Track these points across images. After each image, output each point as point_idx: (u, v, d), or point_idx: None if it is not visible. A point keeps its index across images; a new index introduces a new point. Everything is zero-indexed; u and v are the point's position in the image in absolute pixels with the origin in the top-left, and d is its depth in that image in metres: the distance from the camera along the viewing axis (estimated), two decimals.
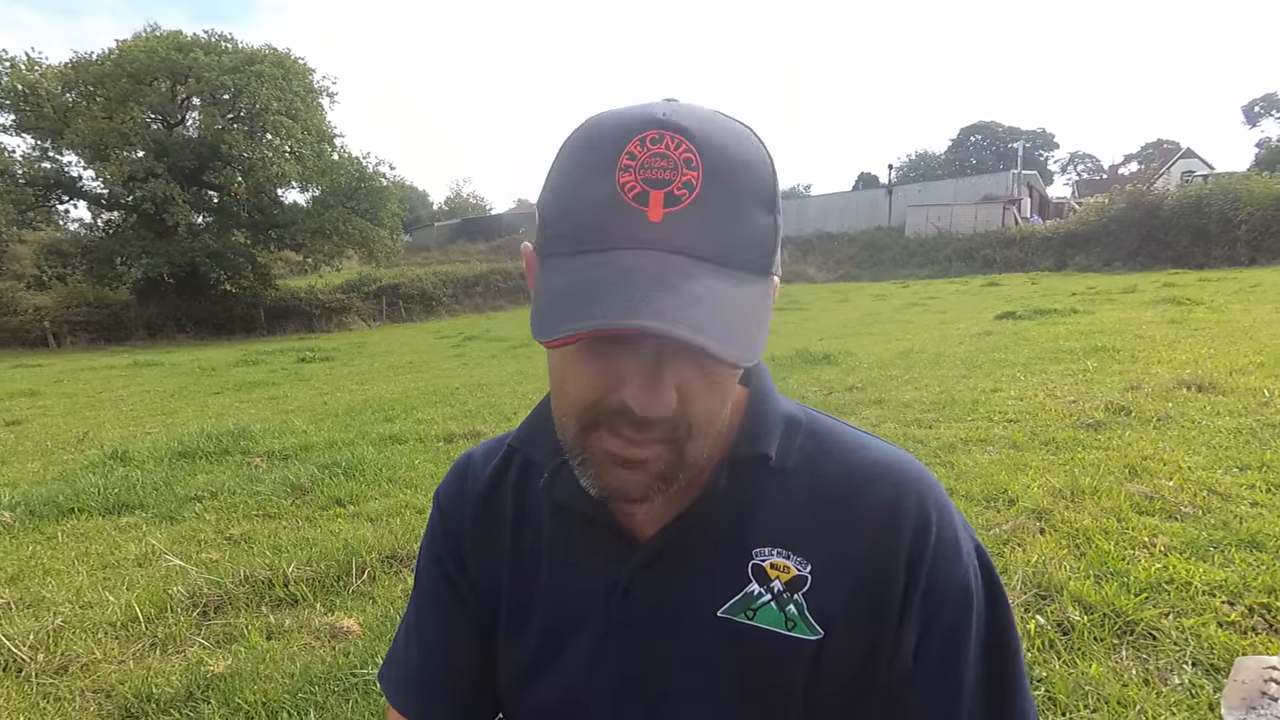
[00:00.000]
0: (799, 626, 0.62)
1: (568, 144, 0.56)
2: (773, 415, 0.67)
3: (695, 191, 0.50)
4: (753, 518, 0.64)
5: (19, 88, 23.33)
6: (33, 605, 2.86)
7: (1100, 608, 2.25)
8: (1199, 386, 5.19)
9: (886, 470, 0.64)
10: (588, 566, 0.68)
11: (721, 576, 0.64)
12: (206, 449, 5.25)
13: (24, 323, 22.84)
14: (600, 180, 0.52)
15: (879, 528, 0.62)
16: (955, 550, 0.63)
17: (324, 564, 2.93)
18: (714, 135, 0.52)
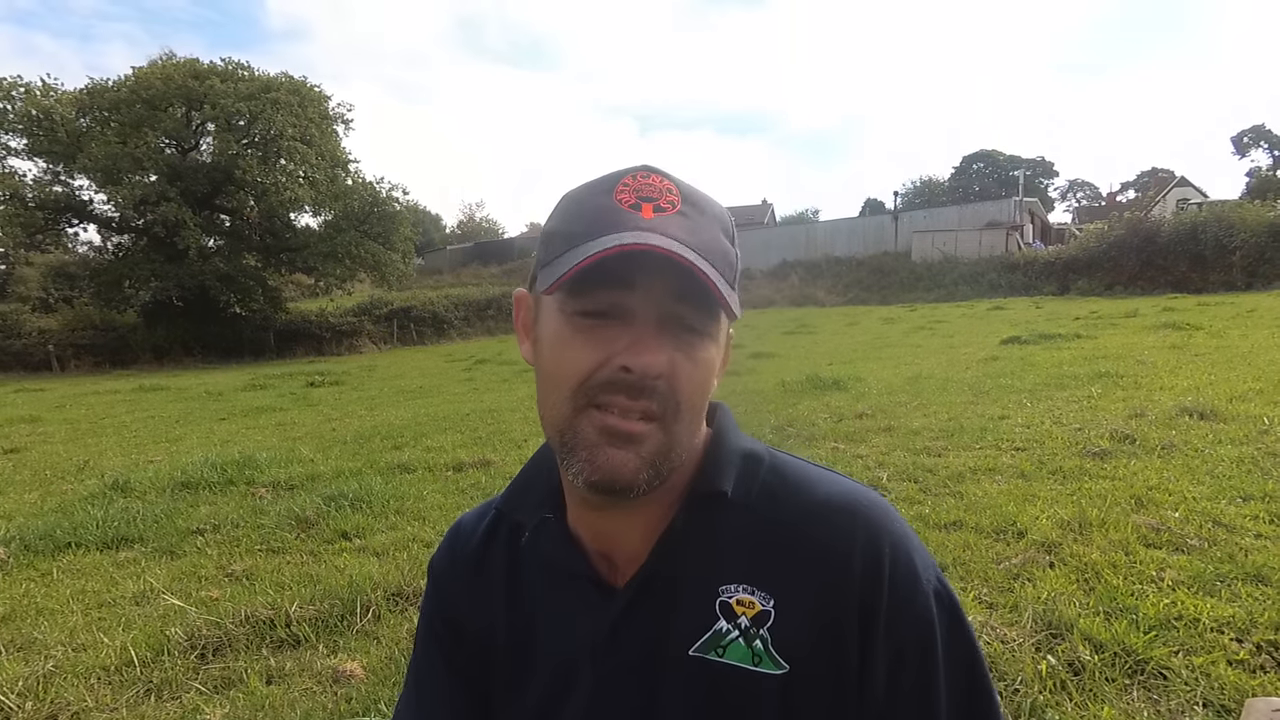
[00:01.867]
0: (765, 662, 0.64)
1: (568, 193, 0.66)
2: (730, 453, 0.70)
3: (677, 207, 0.61)
4: (717, 555, 0.66)
5: (33, 113, 23.52)
6: (23, 648, 2.80)
7: (1110, 646, 2.22)
8: (1201, 414, 5.20)
9: (839, 508, 0.66)
10: (574, 619, 0.70)
11: (692, 615, 0.66)
12: (210, 479, 5.22)
13: (28, 346, 22.81)
14: (599, 198, 0.62)
15: (829, 566, 0.64)
16: (912, 585, 0.64)
17: (328, 602, 2.88)
18: (684, 182, 0.64)
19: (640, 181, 0.62)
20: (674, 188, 0.62)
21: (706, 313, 0.61)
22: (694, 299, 0.60)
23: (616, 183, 0.62)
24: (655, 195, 0.61)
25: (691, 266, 0.56)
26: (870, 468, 4.53)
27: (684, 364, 0.60)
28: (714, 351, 0.64)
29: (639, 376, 0.58)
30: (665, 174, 0.64)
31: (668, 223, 0.59)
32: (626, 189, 0.62)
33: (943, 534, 3.32)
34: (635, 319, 0.59)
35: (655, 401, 0.60)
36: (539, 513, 0.72)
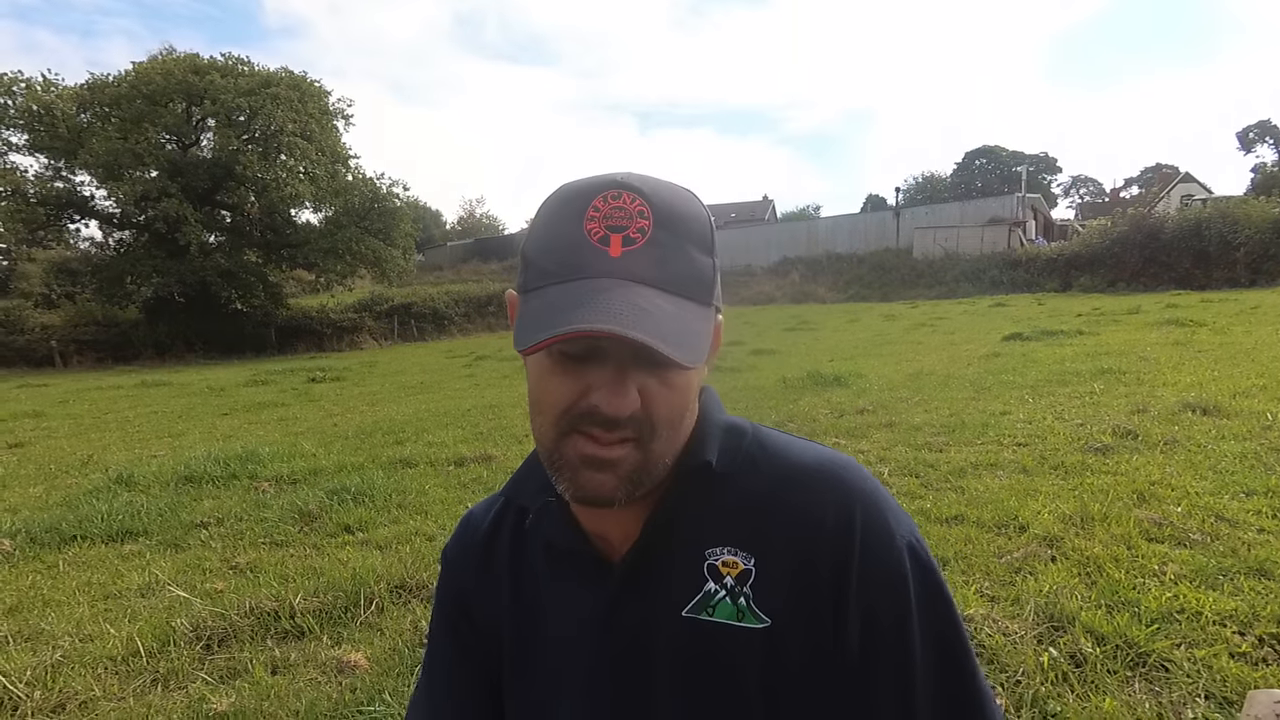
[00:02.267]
0: (748, 617, 0.67)
1: (546, 202, 0.67)
2: (713, 426, 0.73)
3: (647, 235, 0.62)
4: (703, 521, 0.70)
5: (34, 108, 23.50)
6: (31, 638, 2.82)
7: (1112, 639, 2.23)
8: (1204, 410, 5.19)
9: (813, 471, 0.70)
10: (575, 596, 0.74)
11: (683, 579, 0.70)
12: (214, 473, 5.24)
13: (30, 342, 22.87)
14: (571, 227, 0.63)
15: (802, 525, 0.67)
16: (885, 542, 0.67)
17: (331, 595, 2.90)
18: (662, 194, 0.64)
19: (611, 205, 0.62)
20: (646, 209, 0.62)
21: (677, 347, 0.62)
22: (661, 346, 0.59)
23: (588, 206, 0.62)
24: (625, 222, 0.62)
25: (650, 350, 0.57)
26: (871, 463, 4.54)
27: (658, 390, 0.63)
28: (692, 374, 0.66)
29: (610, 417, 0.61)
30: (638, 190, 0.63)
31: (634, 260, 0.61)
32: (596, 216, 0.62)
33: (944, 528, 3.33)
34: (609, 359, 0.62)
35: (631, 429, 0.62)
36: (541, 497, 0.75)
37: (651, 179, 0.65)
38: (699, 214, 0.66)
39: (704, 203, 0.69)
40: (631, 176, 0.65)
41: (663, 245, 0.62)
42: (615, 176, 0.65)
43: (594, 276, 0.60)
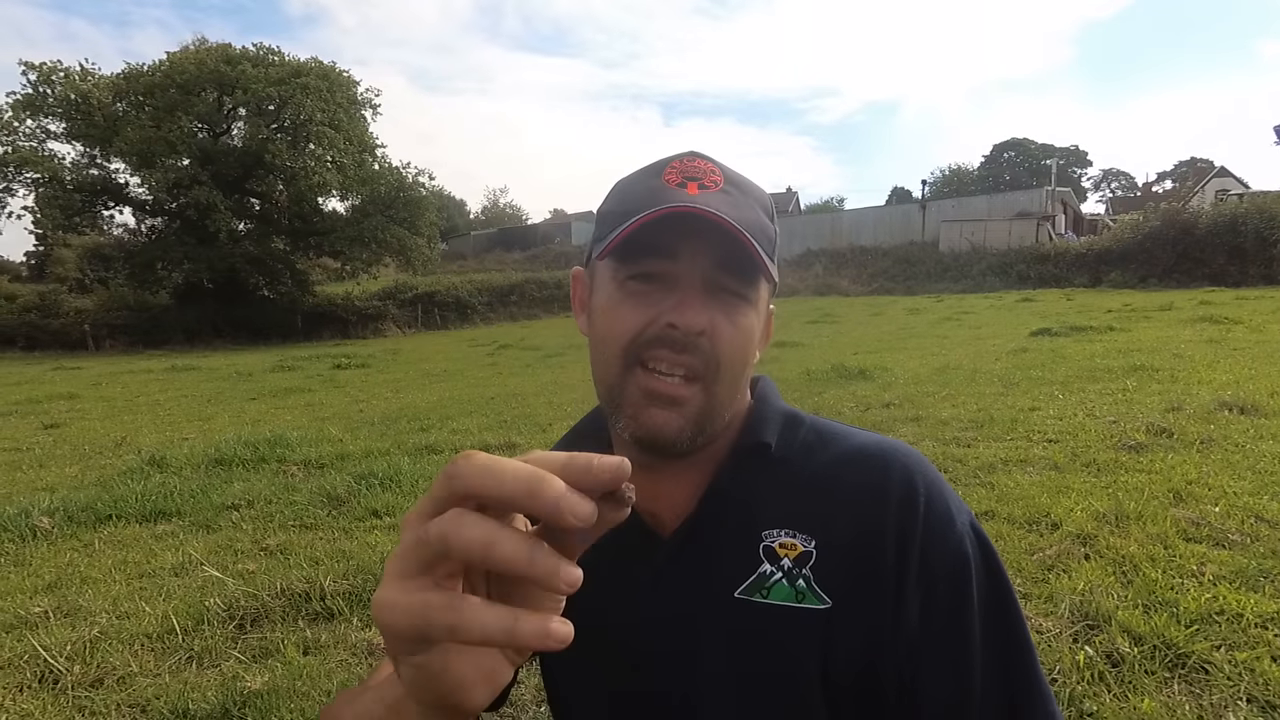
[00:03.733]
0: (808, 598, 0.66)
1: (619, 180, 0.72)
2: (773, 411, 0.75)
3: (720, 186, 0.66)
4: (760, 503, 0.70)
5: (72, 97, 23.94)
6: (70, 614, 2.88)
7: (1150, 639, 2.19)
8: (1241, 409, 5.08)
9: (875, 452, 0.70)
10: (622, 567, 0.72)
11: (737, 560, 0.69)
12: (243, 456, 5.31)
13: (65, 325, 23.37)
14: (648, 179, 0.67)
15: (866, 504, 0.67)
16: (946, 521, 0.66)
17: (360, 577, 2.93)
18: (730, 167, 0.70)
19: (687, 164, 0.68)
20: (717, 170, 0.68)
21: (747, 279, 0.66)
22: (735, 266, 0.65)
23: (665, 166, 0.68)
24: (700, 175, 0.66)
25: (731, 228, 0.61)
26: None
27: (725, 326, 0.65)
28: (754, 319, 0.68)
29: (683, 332, 0.63)
30: (710, 158, 0.69)
31: (711, 198, 0.64)
32: (674, 170, 0.67)
33: None
34: (680, 284, 0.64)
35: (698, 358, 0.64)
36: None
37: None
38: (762, 189, 0.72)
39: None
40: (700, 151, 0.71)
41: (734, 196, 0.66)
42: (686, 150, 0.70)
43: (675, 203, 0.63)
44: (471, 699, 0.38)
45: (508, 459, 0.32)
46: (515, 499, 0.31)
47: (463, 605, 0.32)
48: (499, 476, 0.32)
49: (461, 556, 0.32)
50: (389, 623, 0.34)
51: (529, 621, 0.32)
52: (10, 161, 23.43)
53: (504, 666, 0.39)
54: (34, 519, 3.94)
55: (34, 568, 3.46)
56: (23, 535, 3.83)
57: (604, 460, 0.33)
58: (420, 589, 0.33)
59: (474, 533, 0.31)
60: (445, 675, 0.36)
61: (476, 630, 0.32)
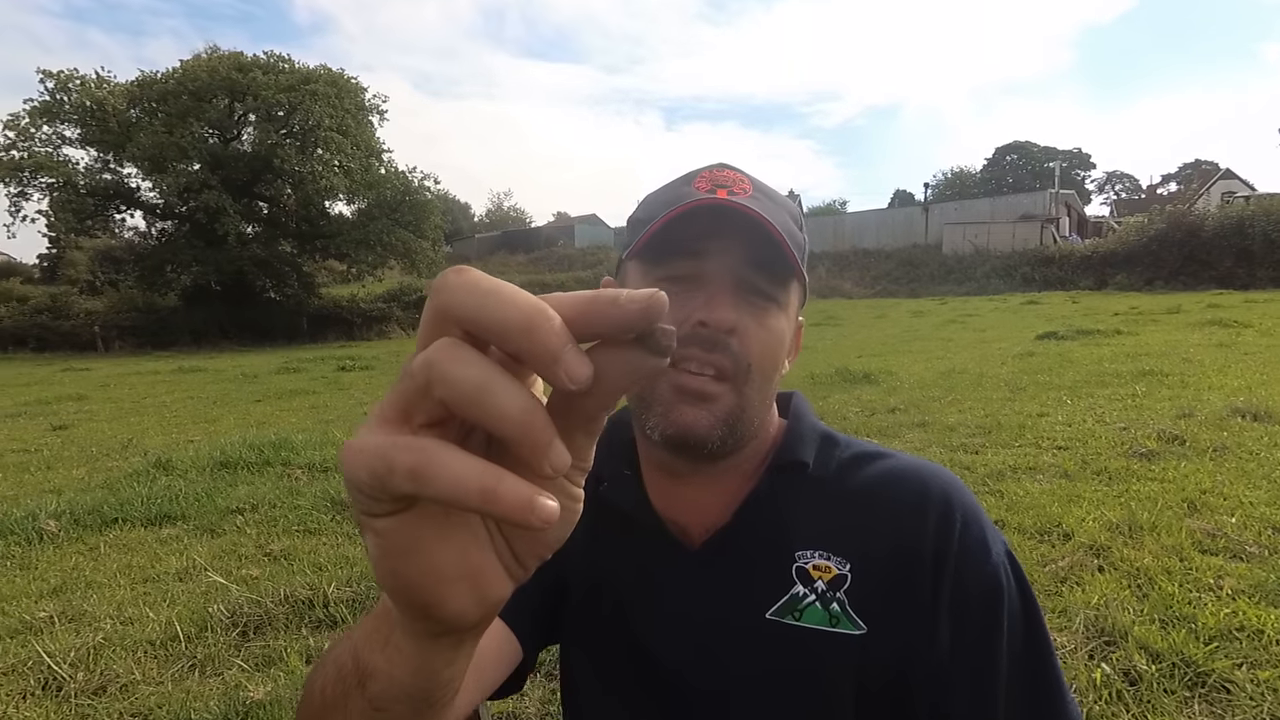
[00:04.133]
0: (843, 623, 0.65)
1: (652, 191, 0.73)
2: (809, 430, 0.74)
3: (749, 193, 0.66)
4: (794, 522, 0.69)
5: (87, 104, 24.17)
6: (74, 620, 2.87)
7: (1168, 656, 2.15)
8: (1254, 415, 5.03)
9: (913, 473, 0.69)
10: (648, 574, 0.72)
11: (768, 579, 0.68)
12: (248, 459, 5.29)
13: (75, 327, 23.50)
14: (679, 187, 0.68)
15: (904, 524, 0.66)
16: (983, 546, 0.65)
17: (364, 584, 2.91)
18: (759, 178, 0.70)
19: (716, 174, 0.67)
20: (746, 179, 0.68)
21: (778, 279, 0.66)
22: (766, 264, 0.64)
23: (695, 175, 0.68)
24: (729, 183, 0.66)
25: (764, 221, 0.61)
26: None
27: (754, 327, 0.65)
28: (784, 322, 0.68)
29: (712, 330, 0.63)
30: (739, 169, 0.69)
31: (740, 201, 0.64)
32: (703, 179, 0.67)
33: None
34: (710, 282, 0.64)
35: (728, 358, 0.63)
36: (616, 465, 0.74)
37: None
38: (790, 200, 0.71)
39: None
40: (729, 162, 0.72)
41: (762, 203, 0.65)
42: (717, 161, 0.71)
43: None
44: (448, 600, 0.30)
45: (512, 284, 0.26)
46: (506, 330, 0.25)
47: (432, 447, 0.26)
48: (492, 296, 0.25)
49: (445, 394, 0.25)
50: (349, 467, 0.27)
51: (513, 485, 0.25)
52: (26, 166, 23.62)
53: (495, 569, 0.31)
54: (41, 522, 3.94)
55: (40, 571, 3.45)
56: (29, 538, 3.82)
57: (633, 293, 0.26)
58: (393, 432, 0.27)
59: (465, 371, 0.25)
60: (412, 555, 0.29)
61: (446, 479, 0.25)
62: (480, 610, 0.31)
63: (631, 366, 0.27)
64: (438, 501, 0.26)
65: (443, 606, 0.31)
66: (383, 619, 0.37)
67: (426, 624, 0.32)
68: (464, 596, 0.31)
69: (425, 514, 0.29)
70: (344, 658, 0.40)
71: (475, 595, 0.31)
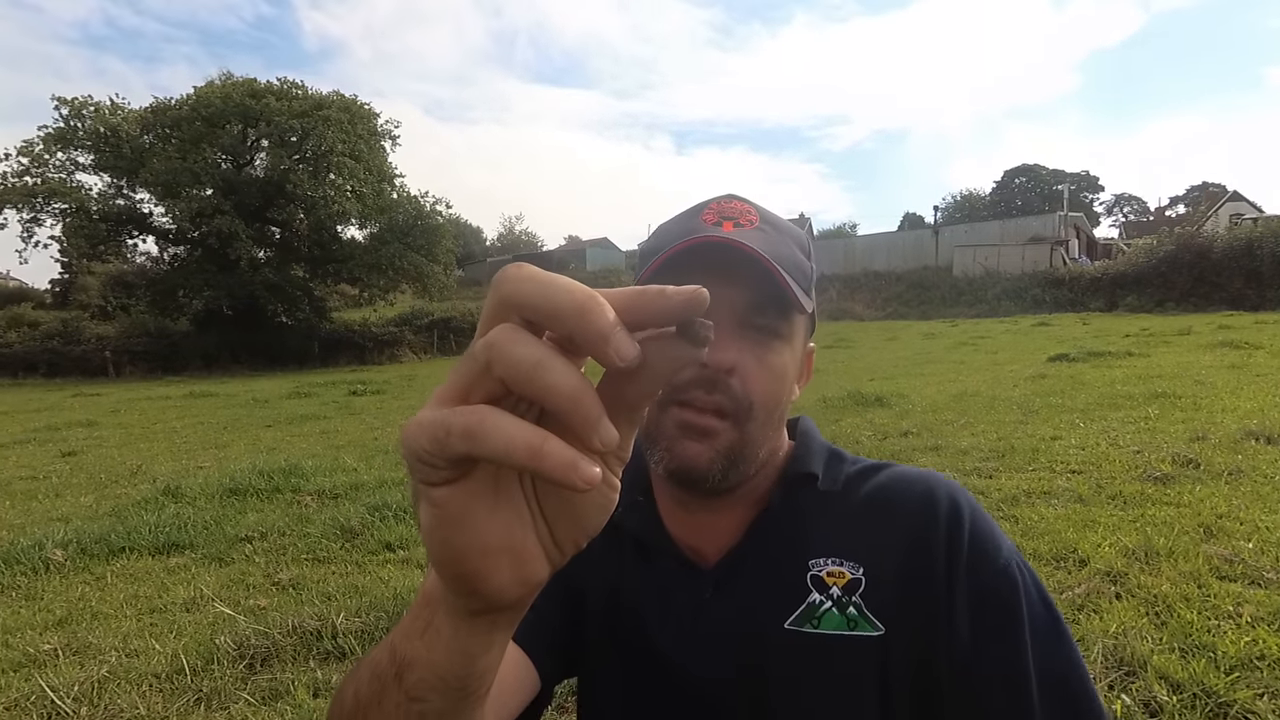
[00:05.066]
0: (861, 625, 0.66)
1: (662, 222, 0.74)
2: (817, 447, 0.76)
3: (755, 225, 0.68)
4: (806, 534, 0.70)
5: (101, 130, 24.53)
6: (79, 652, 2.85)
7: (1189, 686, 2.11)
8: (1268, 438, 4.99)
9: (918, 476, 0.71)
10: (664, 595, 0.73)
11: (784, 591, 0.68)
12: (258, 486, 5.30)
13: (86, 352, 23.65)
14: (687, 219, 0.69)
15: (915, 522, 0.67)
16: (993, 543, 0.66)
17: (373, 614, 2.88)
18: (766, 208, 0.71)
19: (724, 205, 0.69)
20: (754, 210, 0.69)
21: (779, 314, 0.66)
22: (767, 302, 0.65)
23: (704, 207, 0.70)
24: (736, 215, 0.68)
25: (763, 259, 0.62)
26: None
27: (755, 366, 0.65)
28: (787, 355, 0.68)
29: (712, 370, 0.63)
30: (747, 200, 0.71)
31: (746, 235, 0.65)
32: (711, 211, 0.69)
33: None
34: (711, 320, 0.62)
35: (729, 398, 0.64)
36: (631, 493, 0.75)
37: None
38: (798, 229, 0.73)
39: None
40: (737, 194, 0.73)
41: (770, 234, 0.67)
42: (725, 193, 0.73)
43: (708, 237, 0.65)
44: (491, 573, 0.33)
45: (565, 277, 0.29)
46: (561, 313, 0.28)
47: (485, 410, 0.29)
48: (547, 286, 0.28)
49: (504, 373, 0.28)
50: (410, 439, 0.30)
51: (558, 447, 0.27)
52: (40, 193, 23.94)
53: (535, 548, 0.34)
54: (47, 551, 3.94)
55: (45, 602, 3.44)
56: (35, 568, 3.81)
57: (678, 288, 0.29)
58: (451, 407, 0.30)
59: (524, 350, 0.28)
60: (463, 525, 0.32)
61: (498, 438, 0.28)
62: (518, 589, 0.34)
63: (674, 355, 0.30)
64: (490, 459, 0.28)
65: (487, 579, 0.33)
66: (422, 607, 0.39)
67: (468, 599, 0.35)
68: (505, 571, 0.33)
69: (478, 485, 0.32)
70: (379, 657, 0.43)
71: (516, 572, 0.33)
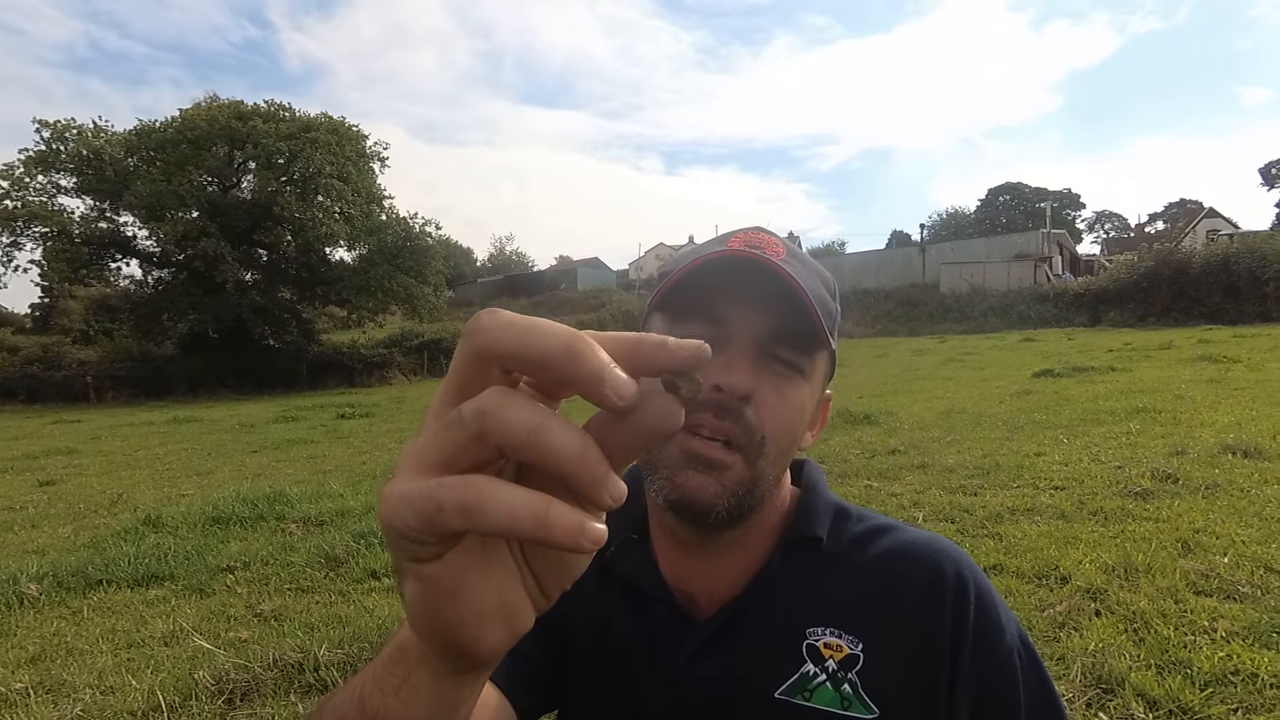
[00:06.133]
0: (855, 705, 0.62)
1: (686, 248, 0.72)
2: (823, 504, 0.72)
3: (782, 257, 0.63)
4: (806, 598, 0.67)
5: (84, 153, 24.35)
6: (52, 690, 2.79)
7: (1165, 703, 2.13)
8: (1244, 452, 5.06)
9: (925, 548, 0.68)
10: (654, 643, 0.70)
11: (778, 657, 0.65)
12: (241, 514, 5.23)
13: (67, 377, 23.24)
14: (712, 245, 0.66)
15: (919, 602, 0.65)
16: (998, 629, 0.64)
17: (357, 645, 2.85)
18: (793, 245, 0.67)
19: (751, 236, 0.66)
20: (781, 244, 0.66)
21: (804, 349, 0.63)
22: (791, 332, 0.62)
23: (729, 236, 0.67)
24: (763, 245, 0.64)
25: (792, 281, 0.59)
26: (905, 507, 4.43)
27: (772, 397, 0.62)
28: (806, 394, 0.64)
29: (727, 395, 0.59)
30: (775, 234, 0.67)
31: (774, 261, 0.63)
32: (738, 239, 0.65)
33: None
34: (730, 345, 0.61)
35: (740, 427, 0.60)
36: (624, 531, 0.72)
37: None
38: (825, 270, 0.70)
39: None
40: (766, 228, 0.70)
41: (795, 268, 0.63)
42: (754, 225, 0.70)
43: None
44: (484, 637, 0.31)
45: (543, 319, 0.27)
46: (549, 359, 0.26)
47: (480, 481, 0.26)
48: (528, 332, 0.26)
49: (501, 440, 0.26)
50: (392, 516, 0.27)
51: (563, 512, 0.26)
52: (20, 216, 23.71)
53: (524, 601, 0.32)
54: (21, 585, 3.85)
55: (18, 639, 3.37)
56: (9, 603, 3.73)
57: (681, 341, 0.28)
58: (434, 477, 0.27)
59: (520, 415, 0.26)
60: (457, 597, 0.30)
61: (501, 511, 0.26)
62: (507, 644, 0.32)
63: (665, 408, 0.28)
64: (492, 532, 0.27)
65: (479, 643, 0.31)
66: (396, 662, 0.36)
67: (457, 662, 0.33)
68: (498, 631, 0.31)
69: (467, 554, 0.30)
70: (345, 708, 0.40)
71: (508, 629, 0.32)
